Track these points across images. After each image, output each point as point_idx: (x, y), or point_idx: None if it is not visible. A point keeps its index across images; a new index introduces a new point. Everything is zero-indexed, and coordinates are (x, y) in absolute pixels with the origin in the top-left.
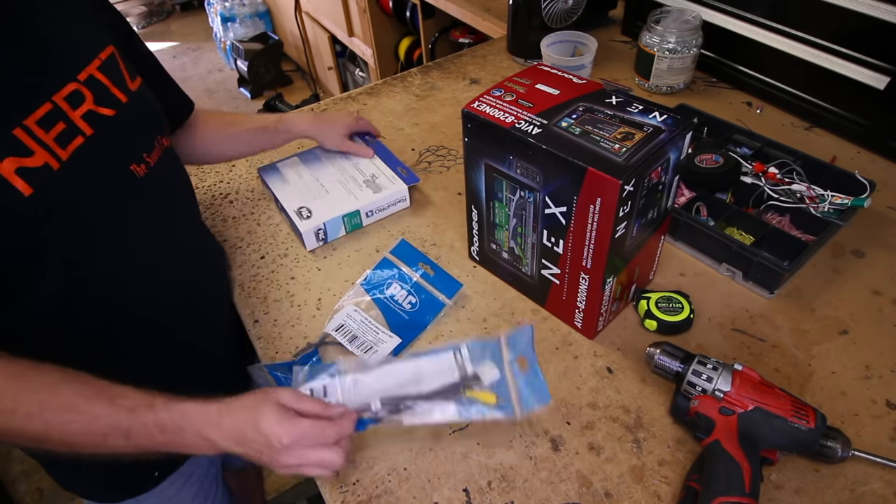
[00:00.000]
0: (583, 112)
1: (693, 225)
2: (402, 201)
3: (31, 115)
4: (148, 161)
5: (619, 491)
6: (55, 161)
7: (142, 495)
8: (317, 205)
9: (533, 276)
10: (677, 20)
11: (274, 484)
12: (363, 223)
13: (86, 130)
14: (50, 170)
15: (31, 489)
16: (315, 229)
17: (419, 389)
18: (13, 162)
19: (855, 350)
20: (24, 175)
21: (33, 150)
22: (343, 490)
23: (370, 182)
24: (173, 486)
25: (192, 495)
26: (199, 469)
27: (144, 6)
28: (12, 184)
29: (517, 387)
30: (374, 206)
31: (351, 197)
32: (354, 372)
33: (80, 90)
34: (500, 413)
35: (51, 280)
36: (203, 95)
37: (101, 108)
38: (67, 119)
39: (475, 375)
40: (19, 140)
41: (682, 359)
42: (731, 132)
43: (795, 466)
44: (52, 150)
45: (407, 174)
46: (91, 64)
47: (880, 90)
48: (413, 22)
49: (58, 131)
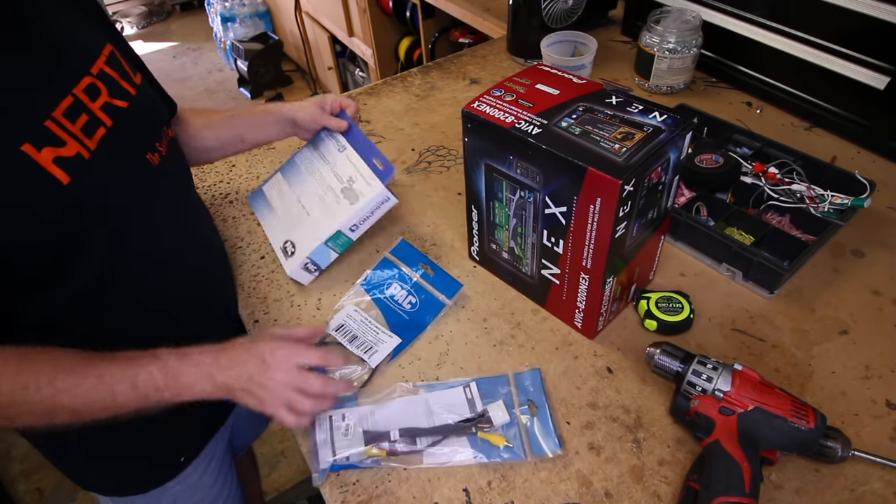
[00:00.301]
0: (583, 112)
1: (693, 225)
2: (385, 202)
3: (56, 107)
4: (160, 150)
5: (619, 491)
6: (86, 151)
7: (168, 483)
8: (300, 234)
9: (533, 276)
10: (677, 20)
11: (274, 484)
12: (353, 238)
13: (106, 121)
14: (82, 159)
15: (30, 489)
16: (302, 265)
17: (432, 422)
18: (50, 152)
19: (855, 350)
20: (61, 164)
21: (65, 140)
22: (343, 490)
23: (347, 190)
24: (196, 472)
25: (212, 482)
26: (216, 456)
27: (144, 6)
28: (52, 173)
29: (528, 432)
30: (355, 218)
31: (329, 217)
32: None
33: (95, 83)
34: (511, 457)
35: (84, 267)
36: (203, 95)
37: (115, 100)
38: (89, 111)
39: (486, 415)
40: (51, 131)
41: (682, 359)
42: (731, 132)
43: (795, 466)
44: (81, 141)
45: (384, 167)
46: (98, 59)
47: (880, 90)
48: (413, 22)
49: (83, 122)
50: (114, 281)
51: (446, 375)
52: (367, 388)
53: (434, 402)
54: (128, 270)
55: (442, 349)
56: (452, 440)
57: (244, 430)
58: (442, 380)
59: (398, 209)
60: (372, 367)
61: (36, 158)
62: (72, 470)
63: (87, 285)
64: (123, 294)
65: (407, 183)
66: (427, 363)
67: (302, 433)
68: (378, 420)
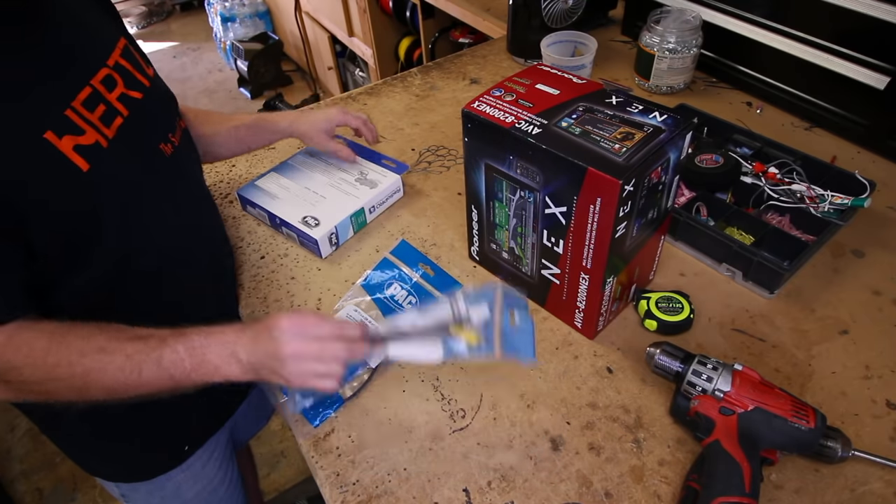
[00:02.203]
0: (583, 112)
1: (693, 225)
2: (396, 192)
3: (76, 97)
4: (173, 140)
5: (619, 491)
6: (104, 139)
7: (172, 471)
8: (320, 211)
9: (533, 276)
10: (677, 20)
11: (273, 483)
12: (368, 220)
13: (123, 111)
14: (101, 147)
15: (30, 489)
16: (329, 234)
17: (415, 322)
18: (70, 140)
19: (855, 350)
20: (80, 152)
21: (84, 129)
22: (343, 490)
23: (363, 179)
24: (199, 461)
25: (214, 472)
26: (219, 447)
27: (144, 6)
28: (72, 160)
29: (502, 332)
30: (374, 201)
31: (351, 197)
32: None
33: (112, 75)
34: (480, 353)
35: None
36: (203, 95)
37: (131, 91)
38: (106, 101)
39: (468, 316)
40: (71, 120)
41: (682, 359)
42: (731, 132)
43: (795, 466)
44: (99, 129)
45: (395, 165)
46: (114, 52)
47: (880, 90)
48: (413, 22)
49: (100, 112)
50: (130, 267)
51: (446, 375)
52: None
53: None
54: (141, 257)
55: None
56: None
57: (245, 425)
58: (442, 379)
59: (398, 209)
60: (372, 368)
61: (58, 146)
62: (78, 454)
63: (104, 273)
64: (138, 279)
65: (407, 183)
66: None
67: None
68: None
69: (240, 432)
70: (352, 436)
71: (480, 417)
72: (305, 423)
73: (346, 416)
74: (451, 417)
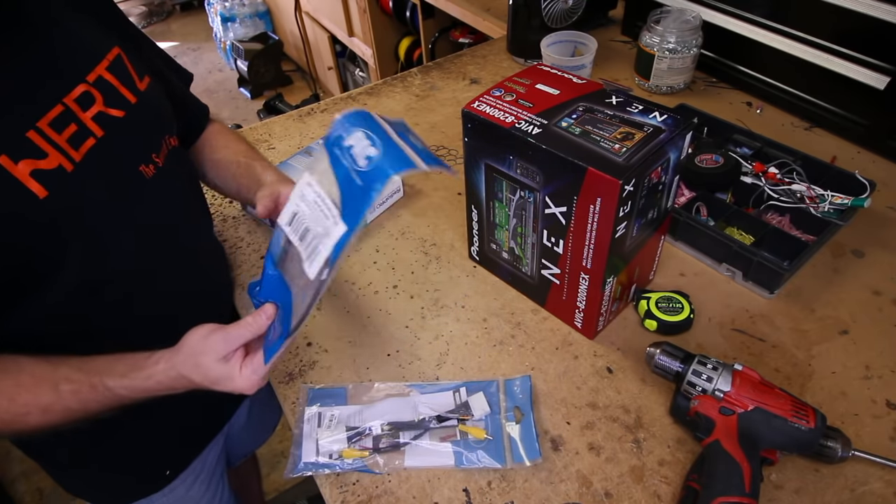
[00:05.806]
0: (583, 112)
1: (693, 225)
2: (396, 192)
3: (43, 117)
4: (156, 161)
5: (619, 491)
6: (69, 163)
7: (154, 495)
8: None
9: (533, 276)
10: (677, 20)
11: (273, 484)
12: (367, 220)
13: (97, 132)
14: (64, 172)
15: (30, 489)
16: None
17: (415, 416)
18: (28, 164)
19: (855, 350)
20: (38, 177)
21: (47, 151)
22: (343, 490)
23: None
24: (183, 485)
25: (200, 495)
26: (206, 468)
27: (144, 6)
28: (28, 186)
29: (509, 437)
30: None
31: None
32: (361, 405)
33: (90, 91)
34: (492, 462)
35: (63, 281)
36: (203, 95)
37: (110, 110)
38: (78, 121)
39: (466, 405)
40: (33, 142)
41: (682, 359)
42: (731, 132)
43: (795, 466)
44: (65, 152)
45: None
46: (99, 65)
47: (880, 90)
48: (413, 22)
49: (70, 133)
50: (101, 291)
51: (446, 375)
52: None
53: (422, 403)
54: (115, 281)
55: (442, 349)
56: (436, 442)
57: (242, 440)
58: (442, 380)
59: (398, 209)
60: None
61: (11, 171)
62: (61, 478)
63: (68, 296)
64: (111, 304)
65: (407, 183)
66: (427, 363)
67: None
68: (365, 417)
69: (236, 448)
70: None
71: None
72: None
73: None
74: None
